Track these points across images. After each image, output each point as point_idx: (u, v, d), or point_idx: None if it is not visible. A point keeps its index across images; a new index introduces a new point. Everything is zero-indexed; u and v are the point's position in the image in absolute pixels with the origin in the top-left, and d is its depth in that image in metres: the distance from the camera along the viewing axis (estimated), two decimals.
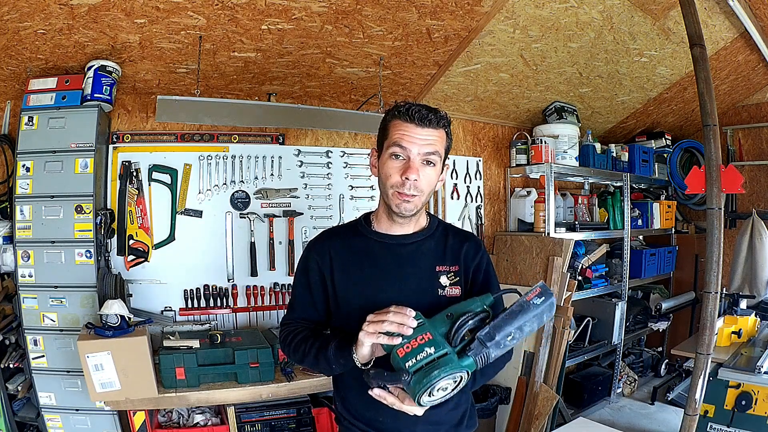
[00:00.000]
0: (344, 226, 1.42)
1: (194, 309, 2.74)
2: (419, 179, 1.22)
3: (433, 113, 1.23)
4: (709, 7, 2.73)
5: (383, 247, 1.31)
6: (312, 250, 1.35)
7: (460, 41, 2.67)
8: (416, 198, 1.24)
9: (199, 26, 2.25)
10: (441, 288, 1.28)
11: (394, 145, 1.23)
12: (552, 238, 3.27)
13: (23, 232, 2.29)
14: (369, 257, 1.30)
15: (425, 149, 1.22)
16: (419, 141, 1.22)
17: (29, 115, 2.31)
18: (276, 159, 2.92)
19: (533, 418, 2.97)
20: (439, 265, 1.30)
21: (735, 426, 2.44)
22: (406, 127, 1.22)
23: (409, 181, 1.21)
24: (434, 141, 1.23)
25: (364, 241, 1.32)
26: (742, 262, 3.70)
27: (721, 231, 2.22)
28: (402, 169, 1.22)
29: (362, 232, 1.34)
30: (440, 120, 1.24)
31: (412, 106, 1.23)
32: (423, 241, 1.32)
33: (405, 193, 1.22)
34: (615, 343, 3.73)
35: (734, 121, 4.25)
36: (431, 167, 1.24)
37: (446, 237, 1.35)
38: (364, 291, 1.27)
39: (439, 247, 1.33)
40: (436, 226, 1.37)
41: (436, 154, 1.24)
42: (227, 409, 2.34)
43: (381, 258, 1.29)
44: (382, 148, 1.27)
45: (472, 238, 1.39)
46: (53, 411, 2.33)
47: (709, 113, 2.21)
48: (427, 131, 1.22)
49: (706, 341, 2.20)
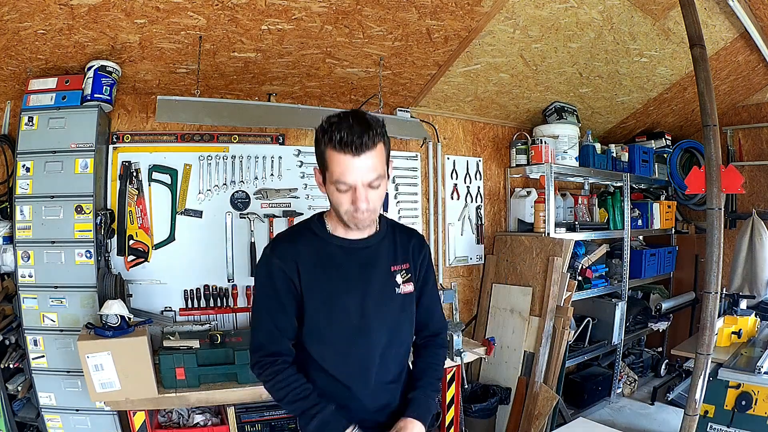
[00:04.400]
0: (300, 229, 1.40)
1: (194, 309, 2.74)
2: (369, 203, 1.24)
3: (366, 134, 1.18)
4: (709, 7, 2.73)
5: (344, 252, 1.34)
6: (273, 258, 1.32)
7: (460, 41, 2.67)
8: (370, 214, 1.27)
9: (199, 26, 2.25)
10: (397, 286, 1.37)
11: (337, 181, 1.22)
12: (552, 238, 3.27)
13: (23, 232, 2.29)
14: (332, 262, 1.32)
15: (368, 177, 1.22)
16: (361, 172, 1.20)
17: (29, 115, 2.31)
18: (276, 159, 2.92)
19: (533, 418, 2.97)
20: (393, 264, 1.37)
21: (735, 426, 2.45)
22: (344, 161, 1.19)
23: (360, 210, 1.24)
24: (374, 164, 1.22)
25: (324, 245, 1.34)
26: (742, 262, 3.69)
27: (721, 231, 2.22)
28: (351, 199, 1.24)
29: (322, 236, 1.35)
30: (374, 138, 1.20)
31: (344, 133, 1.17)
32: (379, 243, 1.37)
33: (359, 216, 1.25)
34: (615, 343, 3.73)
35: (734, 121, 4.25)
36: (377, 188, 1.25)
37: (394, 236, 1.42)
38: (331, 295, 1.31)
39: (391, 247, 1.39)
40: (385, 226, 1.41)
41: (379, 177, 1.24)
42: (227, 409, 2.34)
43: (344, 263, 1.33)
44: (324, 170, 1.26)
45: (415, 234, 1.47)
46: (53, 411, 2.33)
47: (709, 113, 2.20)
48: (366, 156, 1.19)
49: (706, 341, 2.20)
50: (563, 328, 3.05)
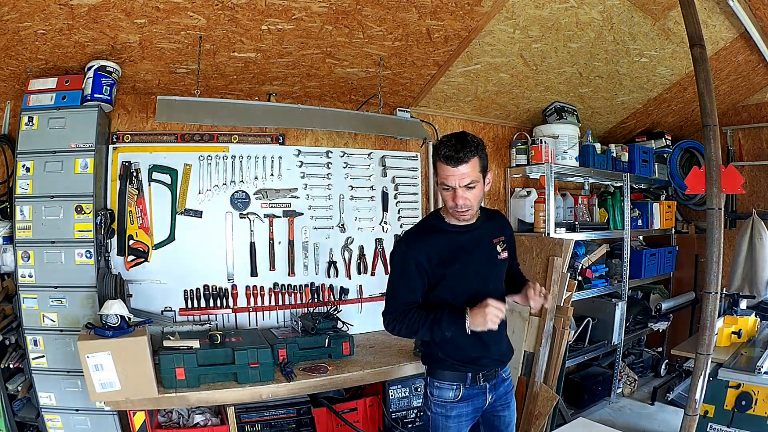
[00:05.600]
0: (423, 227, 1.85)
1: (194, 309, 2.74)
2: (466, 200, 1.67)
3: (462, 152, 1.61)
4: (709, 7, 2.73)
5: (462, 235, 1.78)
6: (408, 251, 1.76)
7: (460, 41, 2.67)
8: (470, 210, 1.71)
9: (199, 26, 2.25)
10: (498, 254, 1.84)
11: (441, 183, 1.68)
12: (552, 238, 3.27)
13: (23, 232, 2.29)
14: (456, 245, 1.76)
15: (464, 182, 1.65)
16: (457, 178, 1.64)
17: (29, 115, 2.31)
18: (276, 159, 2.92)
19: (533, 418, 2.97)
20: (494, 238, 1.85)
21: (735, 426, 2.45)
22: (446, 169, 1.64)
23: (458, 205, 1.67)
24: (468, 173, 1.64)
25: (446, 234, 1.78)
26: (742, 262, 3.69)
27: (721, 231, 2.21)
28: (452, 197, 1.68)
29: (443, 228, 1.78)
30: (468, 154, 1.62)
31: (448, 149, 1.62)
32: (481, 225, 1.83)
33: (459, 210, 1.70)
34: (615, 343, 3.73)
35: (734, 121, 4.25)
36: (473, 189, 1.67)
37: (488, 218, 1.88)
38: (461, 269, 1.76)
39: (488, 225, 1.85)
40: (483, 213, 1.86)
41: (473, 181, 1.65)
42: (227, 409, 2.34)
43: (464, 243, 1.77)
44: (436, 176, 1.71)
45: (500, 215, 1.99)
46: (53, 411, 2.33)
47: (709, 113, 2.20)
48: (462, 167, 1.62)
49: (706, 341, 2.20)
50: (563, 328, 3.05)
